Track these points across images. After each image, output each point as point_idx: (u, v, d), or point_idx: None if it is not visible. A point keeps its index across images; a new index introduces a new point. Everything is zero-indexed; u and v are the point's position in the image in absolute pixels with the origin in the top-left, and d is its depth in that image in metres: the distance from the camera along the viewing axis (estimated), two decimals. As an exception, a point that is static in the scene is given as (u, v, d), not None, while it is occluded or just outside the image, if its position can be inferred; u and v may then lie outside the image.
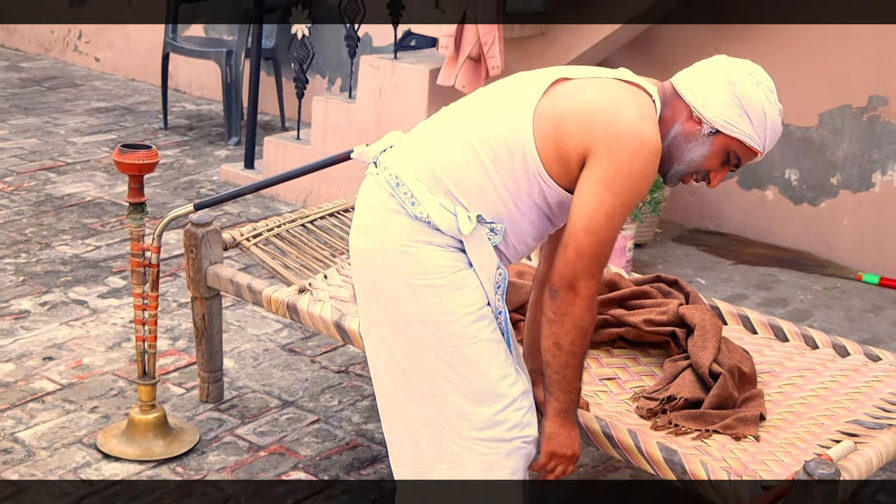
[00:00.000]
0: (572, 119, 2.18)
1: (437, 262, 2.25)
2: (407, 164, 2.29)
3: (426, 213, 2.23)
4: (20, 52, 8.19)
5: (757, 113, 2.22)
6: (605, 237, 2.19)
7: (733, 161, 2.28)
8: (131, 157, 2.97)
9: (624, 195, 2.17)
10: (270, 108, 6.59)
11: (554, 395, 2.29)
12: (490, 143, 2.22)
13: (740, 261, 4.82)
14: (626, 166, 2.15)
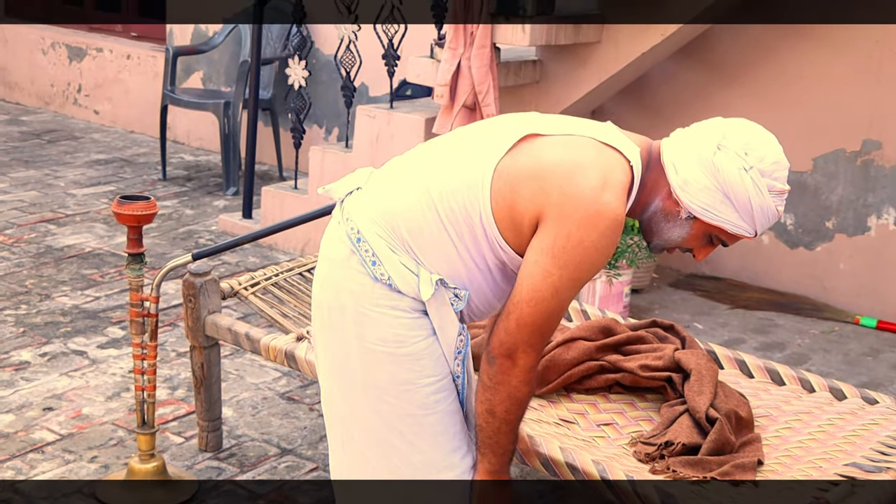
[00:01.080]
0: (528, 180, 2.04)
1: (399, 331, 2.13)
2: (368, 213, 2.16)
3: (387, 274, 2.11)
4: (21, 105, 8.26)
5: (742, 202, 2.07)
6: (549, 309, 2.05)
7: (716, 243, 2.18)
8: (130, 209, 3.00)
9: (572, 268, 2.02)
10: (268, 158, 6.64)
11: (486, 458, 2.18)
12: (447, 198, 2.09)
13: (737, 305, 4.84)
14: (577, 236, 2.00)
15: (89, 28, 8.03)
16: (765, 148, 2.11)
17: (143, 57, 7.47)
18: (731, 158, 2.08)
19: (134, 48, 7.57)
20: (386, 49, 5.01)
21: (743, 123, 2.15)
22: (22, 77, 8.30)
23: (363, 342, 2.16)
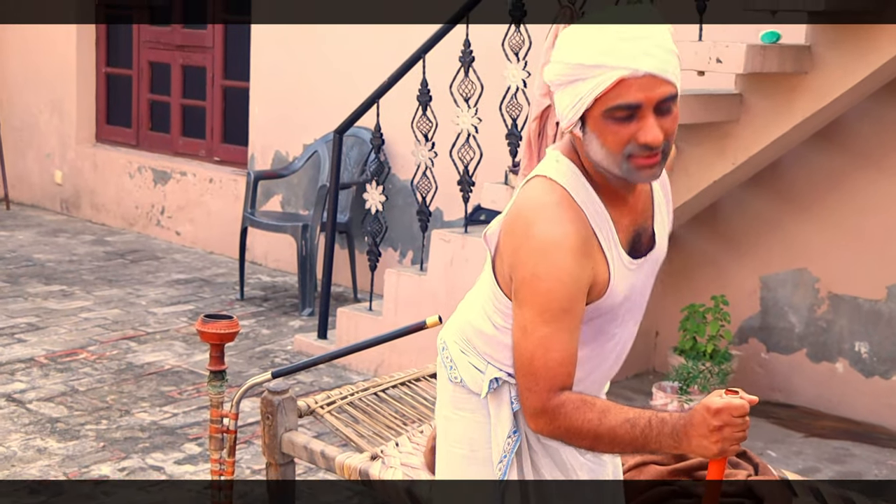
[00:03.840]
0: (501, 250, 2.13)
1: (473, 434, 2.23)
2: (450, 326, 2.33)
3: (460, 376, 2.23)
4: (106, 226, 8.54)
5: (570, 57, 1.98)
6: (528, 351, 2.02)
7: (620, 114, 1.96)
8: (213, 327, 3.11)
9: (533, 306, 2.02)
10: (343, 280, 6.77)
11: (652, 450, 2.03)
12: (491, 293, 2.19)
13: (812, 434, 4.80)
14: (527, 273, 2.02)
15: (174, 153, 8.32)
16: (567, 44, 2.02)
17: (225, 180, 7.71)
18: (550, 67, 2.05)
19: (216, 172, 7.83)
20: (461, 175, 5.14)
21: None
22: (109, 199, 8.60)
23: (444, 444, 2.28)
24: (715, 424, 1.90)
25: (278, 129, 7.33)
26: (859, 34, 4.18)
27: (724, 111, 4.47)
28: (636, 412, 1.98)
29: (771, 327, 5.17)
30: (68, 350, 5.46)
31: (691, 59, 4.20)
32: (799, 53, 4.31)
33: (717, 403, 1.90)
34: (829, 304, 5.01)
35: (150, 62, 8.49)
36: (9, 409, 4.64)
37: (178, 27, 8.22)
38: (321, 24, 6.92)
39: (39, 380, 5.01)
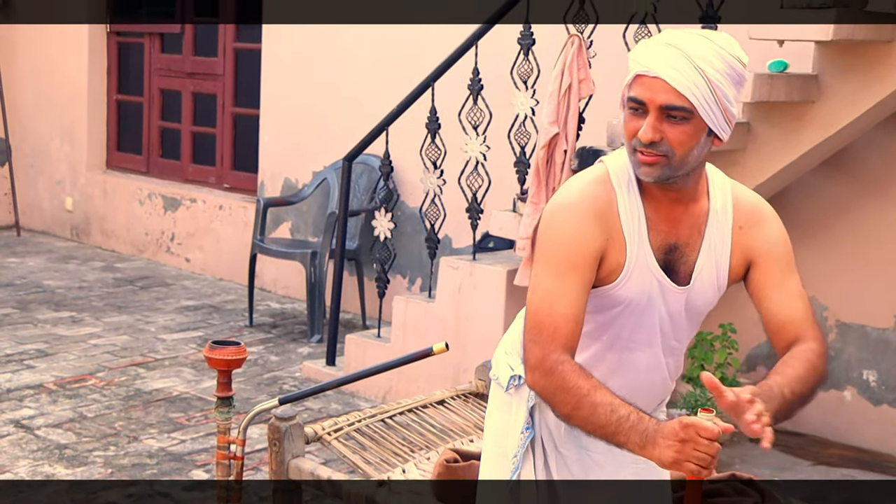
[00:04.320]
0: None
1: (497, 429, 2.42)
2: (514, 329, 2.46)
3: (496, 373, 2.41)
4: (116, 252, 8.58)
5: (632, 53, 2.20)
6: (535, 304, 2.16)
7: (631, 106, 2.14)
8: (221, 353, 3.12)
9: (541, 260, 2.18)
10: (352, 307, 6.78)
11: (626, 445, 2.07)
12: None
13: (819, 461, 4.78)
14: (542, 233, 2.20)
15: (184, 179, 8.36)
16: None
17: (235, 207, 7.75)
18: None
19: (226, 199, 7.87)
20: (469, 202, 5.16)
21: None
22: (119, 226, 8.64)
23: (484, 439, 2.49)
24: (681, 436, 1.95)
25: (288, 156, 7.37)
26: (866, 64, 4.21)
27: (732, 140, 4.43)
28: (623, 403, 2.05)
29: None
30: (77, 376, 5.48)
31: (698, 88, 4.21)
32: (806, 82, 4.33)
33: (688, 419, 1.96)
34: (837, 332, 5.01)
35: (161, 89, 8.56)
36: (17, 435, 4.65)
37: (189, 55, 8.28)
38: (331, 49, 6.97)
39: (48, 406, 5.03)
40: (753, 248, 2.26)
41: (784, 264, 2.26)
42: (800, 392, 2.11)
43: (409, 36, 6.51)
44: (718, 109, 2.09)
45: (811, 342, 2.19)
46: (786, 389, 2.08)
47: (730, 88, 2.10)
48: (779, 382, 2.09)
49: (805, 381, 2.13)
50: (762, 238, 2.26)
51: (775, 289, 2.24)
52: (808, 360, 2.15)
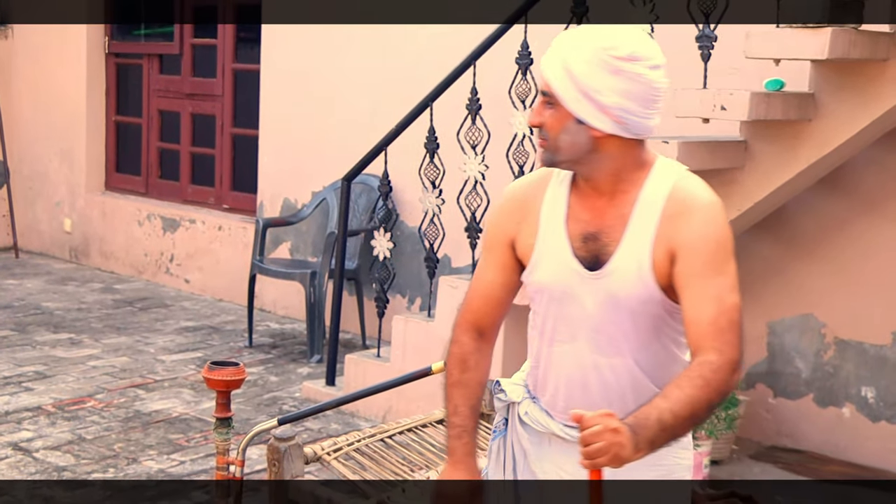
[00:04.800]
0: None
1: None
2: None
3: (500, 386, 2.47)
4: (115, 274, 8.58)
5: None
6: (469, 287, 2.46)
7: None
8: (219, 374, 3.13)
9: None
10: (352, 327, 6.78)
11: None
12: None
13: (819, 478, 4.78)
14: None
15: (184, 200, 8.37)
16: None
17: (234, 228, 7.76)
18: None
19: (225, 219, 7.88)
20: (469, 222, 5.18)
21: None
22: (118, 247, 8.65)
23: None
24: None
25: (287, 176, 7.39)
26: (862, 82, 4.22)
27: (729, 158, 4.50)
28: (461, 413, 2.37)
29: (778, 373, 5.17)
30: (76, 398, 5.48)
31: (696, 107, 4.24)
32: (803, 101, 4.35)
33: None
34: (835, 349, 5.01)
35: (159, 110, 8.58)
36: (15, 457, 4.65)
37: (187, 76, 8.31)
38: (330, 70, 6.99)
39: (46, 428, 5.03)
40: (676, 239, 2.15)
41: (705, 262, 2.12)
42: (686, 415, 2.03)
43: (407, 56, 6.53)
44: (583, 98, 2.13)
45: (710, 354, 2.07)
46: (666, 415, 2.02)
47: (600, 78, 2.12)
48: (659, 407, 2.03)
49: (693, 402, 2.04)
50: (686, 229, 2.15)
51: (689, 287, 2.13)
52: (700, 377, 2.05)
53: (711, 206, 2.17)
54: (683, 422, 2.04)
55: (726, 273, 2.13)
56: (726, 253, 2.15)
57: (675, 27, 4.50)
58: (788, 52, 4.11)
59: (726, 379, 2.06)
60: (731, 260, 2.16)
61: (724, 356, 2.07)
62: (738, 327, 2.11)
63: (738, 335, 2.11)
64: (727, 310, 2.10)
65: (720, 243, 2.14)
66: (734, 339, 2.09)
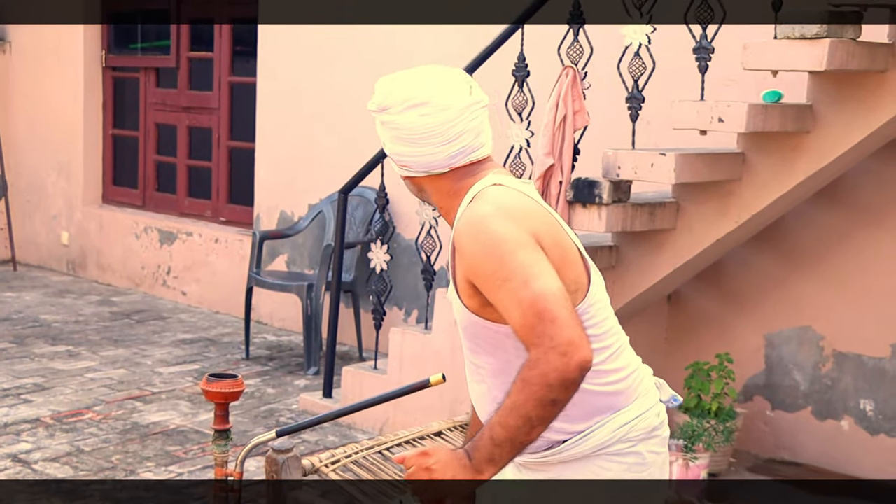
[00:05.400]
0: None
1: None
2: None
3: None
4: (112, 286, 8.57)
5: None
6: None
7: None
8: (218, 386, 3.12)
9: None
10: (348, 339, 6.77)
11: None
12: None
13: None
14: None
15: (180, 213, 8.37)
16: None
17: (231, 240, 7.75)
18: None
19: (222, 232, 7.87)
20: (465, 234, 5.16)
21: None
22: (115, 260, 8.64)
23: None
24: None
25: (283, 189, 7.39)
26: (861, 93, 4.23)
27: (727, 170, 4.50)
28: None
29: (776, 385, 5.17)
30: (74, 410, 5.47)
31: (693, 118, 4.25)
32: (800, 112, 4.36)
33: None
34: (833, 361, 5.01)
35: (156, 123, 8.58)
36: (14, 469, 4.64)
37: (184, 89, 8.31)
38: (326, 82, 7.00)
39: (45, 440, 5.01)
40: (461, 268, 2.18)
41: (488, 279, 2.12)
42: (515, 422, 2.04)
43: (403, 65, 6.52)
44: (399, 168, 2.35)
45: (530, 353, 2.05)
46: (496, 429, 2.06)
47: (379, 132, 2.35)
48: (490, 423, 2.08)
49: (516, 407, 2.03)
50: (461, 259, 2.18)
51: (496, 305, 2.12)
52: (519, 379, 2.04)
53: (472, 223, 2.16)
54: (516, 430, 2.04)
55: (510, 275, 2.08)
56: (499, 258, 2.10)
57: (672, 38, 4.51)
58: (786, 63, 4.12)
59: (548, 369, 2.01)
60: (508, 261, 2.09)
61: (539, 348, 2.03)
62: (549, 312, 2.03)
63: (551, 319, 2.03)
64: (528, 305, 2.05)
65: (489, 255, 2.11)
66: (546, 328, 2.03)
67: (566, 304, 2.06)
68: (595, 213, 4.50)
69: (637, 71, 4.48)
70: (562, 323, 2.02)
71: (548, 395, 2.02)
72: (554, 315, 2.03)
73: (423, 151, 2.24)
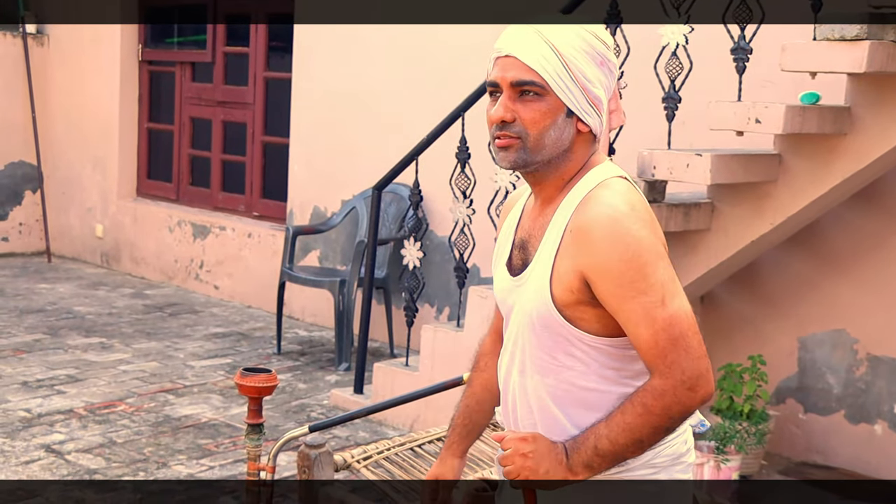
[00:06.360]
0: None
1: None
2: None
3: None
4: (146, 279, 8.63)
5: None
6: None
7: (490, 91, 2.08)
8: (252, 380, 3.13)
9: None
10: (380, 336, 6.79)
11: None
12: None
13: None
14: None
15: (214, 207, 8.41)
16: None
17: (264, 235, 7.78)
18: None
19: (255, 227, 7.91)
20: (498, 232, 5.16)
21: None
22: (148, 253, 8.70)
23: None
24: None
25: (317, 184, 7.41)
26: (898, 96, 4.20)
27: (763, 171, 4.48)
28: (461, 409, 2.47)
29: (809, 388, 5.14)
30: (107, 402, 5.51)
31: (730, 119, 4.22)
32: (838, 114, 4.33)
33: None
34: (867, 365, 4.97)
35: (191, 118, 8.63)
36: (48, 459, 4.68)
37: (219, 84, 8.35)
38: (361, 79, 7.01)
39: (78, 431, 5.05)
40: (579, 259, 1.99)
41: (618, 284, 1.95)
42: (625, 441, 1.97)
43: (440, 65, 6.54)
44: (576, 87, 2.00)
45: (654, 378, 1.96)
46: (603, 441, 1.99)
47: (589, 66, 2.01)
48: (597, 433, 2.00)
49: (632, 429, 1.96)
50: (586, 250, 1.98)
51: (617, 313, 1.99)
52: (641, 404, 1.96)
53: (614, 220, 1.96)
54: (624, 448, 1.99)
55: (648, 289, 1.95)
56: (639, 268, 1.95)
57: (709, 39, 4.49)
58: (825, 65, 4.09)
59: (673, 402, 1.95)
60: (649, 273, 1.95)
61: (668, 379, 1.95)
62: (684, 340, 1.95)
63: (685, 348, 1.95)
64: (662, 328, 1.95)
65: (630, 262, 1.94)
66: (679, 357, 1.94)
67: (697, 329, 1.98)
68: (629, 213, 4.47)
69: (674, 71, 4.46)
70: (694, 354, 1.95)
71: (666, 424, 1.98)
72: (688, 343, 1.95)
73: (608, 84, 2.06)
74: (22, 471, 4.53)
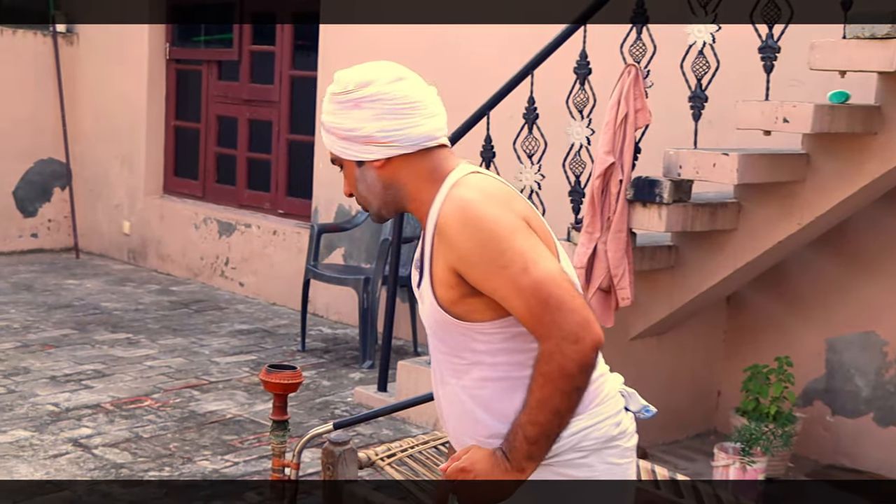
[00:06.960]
0: None
1: None
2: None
3: None
4: (172, 276, 8.68)
5: None
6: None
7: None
8: (277, 377, 3.14)
9: None
10: (404, 334, 6.79)
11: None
12: None
13: (876, 500, 4.71)
14: None
15: (239, 205, 8.44)
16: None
17: (289, 233, 7.80)
18: None
19: (280, 224, 7.93)
20: (524, 231, 5.15)
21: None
22: (175, 250, 8.74)
23: None
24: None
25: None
26: (929, 95, 4.16)
27: (791, 171, 4.45)
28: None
29: (836, 390, 5.11)
30: (133, 397, 5.54)
31: (758, 119, 4.20)
32: (868, 113, 4.30)
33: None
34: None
35: (217, 116, 8.66)
36: (75, 453, 4.70)
37: (245, 82, 8.38)
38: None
39: (105, 426, 5.08)
40: (447, 256, 2.09)
41: (481, 268, 2.04)
42: (544, 417, 2.01)
43: (464, 64, 6.54)
44: (344, 141, 2.19)
45: (541, 344, 2.01)
46: (527, 428, 2.02)
47: (345, 117, 2.18)
48: (520, 422, 2.04)
49: (543, 402, 2.00)
50: (448, 246, 2.08)
51: (492, 295, 2.06)
52: (539, 374, 2.01)
53: (463, 209, 2.07)
54: (549, 424, 2.02)
55: (509, 263, 2.01)
56: (496, 245, 2.03)
57: (737, 38, 4.46)
58: (855, 63, 4.06)
59: (564, 360, 1.98)
60: (506, 248, 2.03)
61: (550, 340, 1.99)
62: (554, 299, 1.99)
63: (556, 307, 1.99)
64: (531, 293, 2.00)
65: (483, 242, 2.03)
66: (554, 316, 1.98)
67: (567, 285, 2.02)
68: (655, 213, 4.47)
69: (700, 70, 4.45)
70: (568, 307, 1.99)
71: (571, 384, 2.00)
72: (559, 300, 1.99)
73: (413, 122, 2.16)
74: (50, 464, 4.56)
